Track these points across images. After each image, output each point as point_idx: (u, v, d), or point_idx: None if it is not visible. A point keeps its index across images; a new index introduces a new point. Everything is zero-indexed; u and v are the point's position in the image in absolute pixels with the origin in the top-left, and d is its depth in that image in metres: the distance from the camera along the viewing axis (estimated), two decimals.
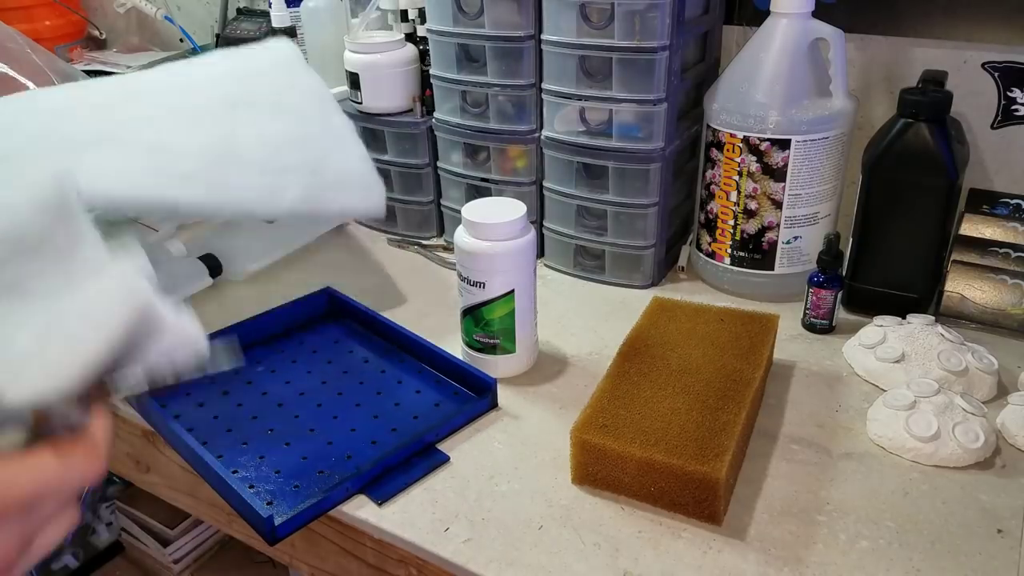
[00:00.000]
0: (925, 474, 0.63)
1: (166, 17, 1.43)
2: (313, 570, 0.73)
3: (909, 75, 0.89)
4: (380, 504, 0.62)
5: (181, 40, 1.50)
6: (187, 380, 0.53)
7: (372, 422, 0.71)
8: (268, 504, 0.63)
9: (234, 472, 0.66)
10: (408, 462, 0.66)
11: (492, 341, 0.75)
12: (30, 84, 1.12)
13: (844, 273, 0.84)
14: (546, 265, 0.98)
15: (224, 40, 1.28)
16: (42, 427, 0.35)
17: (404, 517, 0.61)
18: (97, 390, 0.36)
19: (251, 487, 0.65)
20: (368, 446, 0.68)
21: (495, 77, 0.92)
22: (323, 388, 0.76)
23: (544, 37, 0.87)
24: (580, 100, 0.87)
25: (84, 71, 1.30)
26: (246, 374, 0.79)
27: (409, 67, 1.02)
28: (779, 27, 0.82)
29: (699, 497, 0.58)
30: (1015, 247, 0.81)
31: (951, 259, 0.82)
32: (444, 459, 0.66)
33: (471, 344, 0.76)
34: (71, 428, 0.36)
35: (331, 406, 0.74)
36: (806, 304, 0.83)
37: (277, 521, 0.60)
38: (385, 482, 0.64)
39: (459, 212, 0.77)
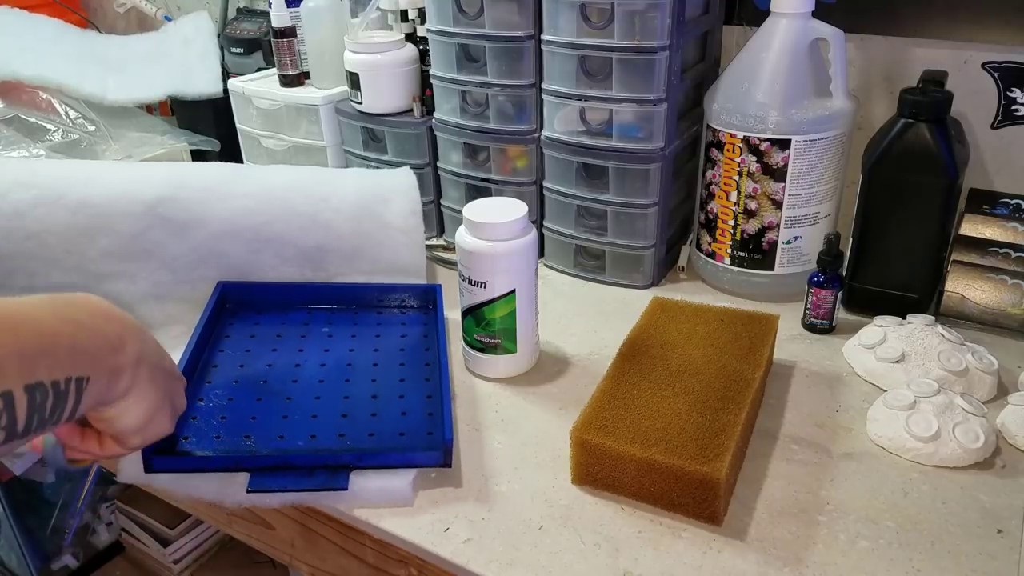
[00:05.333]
0: (925, 474, 0.63)
1: (166, 17, 1.43)
2: (313, 570, 0.73)
3: (909, 75, 0.89)
4: (248, 492, 0.62)
5: None
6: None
7: (335, 418, 0.69)
8: (184, 439, 0.65)
9: (200, 400, 0.69)
10: (311, 472, 0.63)
11: (493, 341, 0.75)
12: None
13: (844, 273, 0.84)
14: (546, 265, 0.98)
15: (224, 40, 1.28)
16: None
17: (404, 517, 0.61)
18: None
19: (193, 418, 0.67)
20: (304, 437, 0.67)
21: (495, 77, 0.92)
22: (342, 368, 0.76)
23: (544, 37, 0.87)
24: (580, 100, 0.87)
25: None
26: (308, 327, 0.83)
27: (409, 67, 1.02)
28: (779, 27, 0.82)
29: (699, 497, 0.59)
30: (1015, 247, 0.81)
31: (951, 259, 0.82)
32: (342, 487, 0.62)
33: (472, 344, 0.76)
34: None
35: (328, 385, 0.73)
36: (806, 304, 0.83)
37: (156, 457, 0.62)
38: (272, 476, 0.63)
39: (459, 212, 0.77)
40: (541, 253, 0.98)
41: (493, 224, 0.71)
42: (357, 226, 0.88)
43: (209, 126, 1.25)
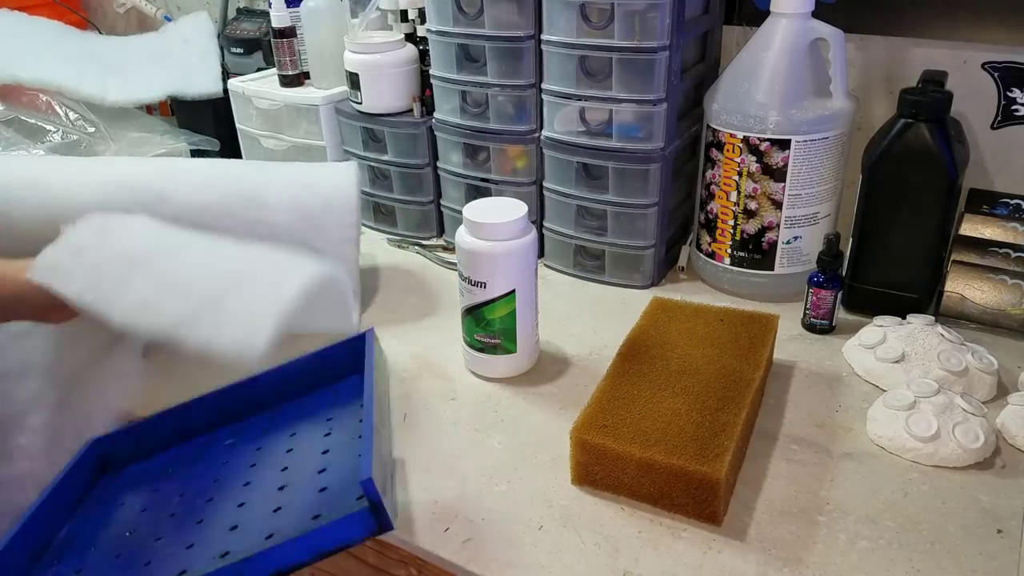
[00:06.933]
0: (925, 474, 0.63)
1: (166, 17, 1.43)
2: (313, 570, 0.73)
3: (909, 75, 0.89)
4: None
5: None
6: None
7: (223, 534, 0.53)
8: None
9: None
10: None
11: (493, 341, 0.75)
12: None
13: (844, 273, 0.84)
14: (546, 265, 0.98)
15: (224, 40, 1.28)
16: None
17: (404, 517, 0.61)
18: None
19: None
20: (212, 558, 0.51)
21: (495, 77, 0.92)
22: (244, 470, 0.60)
23: (544, 37, 0.87)
24: (580, 100, 0.87)
25: None
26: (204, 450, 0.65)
27: (409, 67, 1.02)
28: (779, 27, 0.82)
29: (699, 497, 0.58)
30: (1015, 247, 0.81)
31: (951, 259, 0.82)
32: None
33: (472, 344, 0.76)
34: None
35: (216, 503, 0.57)
36: (806, 304, 0.83)
37: None
38: None
39: (459, 212, 0.77)
40: (541, 253, 0.98)
41: (493, 224, 0.71)
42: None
43: (209, 126, 1.25)
